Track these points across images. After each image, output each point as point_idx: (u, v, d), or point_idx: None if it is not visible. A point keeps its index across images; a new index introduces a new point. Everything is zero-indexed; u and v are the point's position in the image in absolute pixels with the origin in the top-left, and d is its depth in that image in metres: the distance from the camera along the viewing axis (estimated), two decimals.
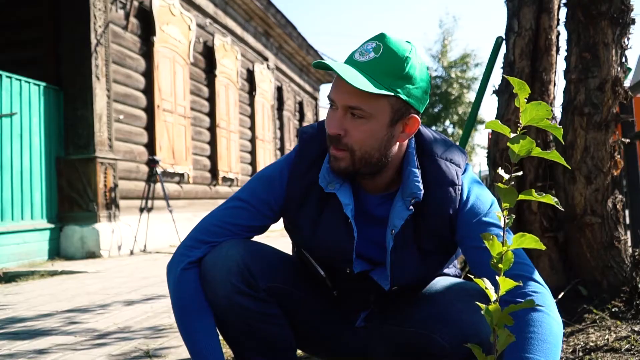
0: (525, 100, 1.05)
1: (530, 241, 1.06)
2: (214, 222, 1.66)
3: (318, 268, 1.69)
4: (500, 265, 1.07)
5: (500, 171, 1.06)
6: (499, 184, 1.05)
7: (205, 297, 1.60)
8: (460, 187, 1.56)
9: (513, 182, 1.06)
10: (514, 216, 1.09)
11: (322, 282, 1.73)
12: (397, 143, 1.52)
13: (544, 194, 1.04)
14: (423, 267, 1.60)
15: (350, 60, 1.46)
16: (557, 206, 1.06)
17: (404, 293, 1.68)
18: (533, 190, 1.05)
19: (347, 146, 1.47)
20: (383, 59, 1.42)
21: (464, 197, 1.56)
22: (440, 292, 1.65)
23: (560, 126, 1.05)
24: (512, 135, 1.05)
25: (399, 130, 1.49)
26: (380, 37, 1.46)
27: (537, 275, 1.46)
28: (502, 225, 1.09)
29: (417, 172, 1.53)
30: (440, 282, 1.71)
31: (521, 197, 1.05)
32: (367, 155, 1.48)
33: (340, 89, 1.45)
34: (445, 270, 1.80)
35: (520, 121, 1.05)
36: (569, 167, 2.73)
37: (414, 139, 1.60)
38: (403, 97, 1.44)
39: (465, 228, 1.54)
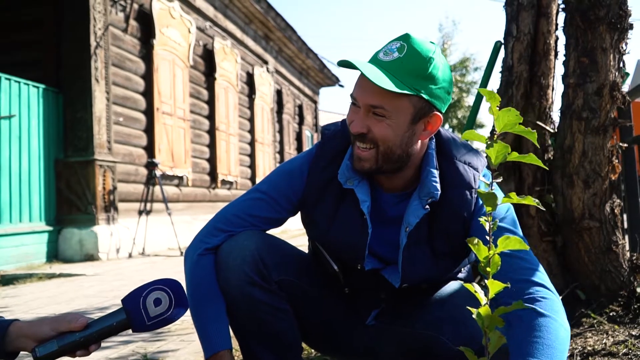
0: (499, 109, 1.07)
1: (515, 243, 1.09)
2: (233, 212, 1.70)
3: (331, 262, 1.70)
4: (488, 269, 1.09)
5: (482, 178, 1.09)
6: (479, 190, 1.09)
7: (218, 285, 1.62)
8: (476, 191, 1.57)
9: (494, 187, 1.08)
10: (498, 221, 1.11)
11: (335, 279, 1.74)
12: (419, 141, 1.55)
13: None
14: (434, 267, 1.62)
15: (375, 60, 1.48)
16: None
17: (414, 293, 1.69)
18: (514, 194, 1.08)
19: (373, 141, 1.49)
20: (407, 59, 1.44)
21: (480, 201, 1.57)
22: (450, 295, 1.67)
23: (534, 131, 1.08)
24: (487, 142, 1.08)
25: (421, 128, 1.52)
26: (405, 38, 1.48)
27: (546, 280, 1.47)
28: (487, 230, 1.11)
29: (436, 172, 1.56)
30: (451, 286, 1.73)
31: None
32: (389, 151, 1.50)
33: (364, 88, 1.47)
34: (458, 275, 1.81)
35: (496, 128, 1.08)
36: (546, 168, 2.74)
37: (434, 140, 1.62)
38: (425, 96, 1.46)
39: (479, 232, 1.55)
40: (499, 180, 1.13)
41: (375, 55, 1.50)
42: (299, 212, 1.76)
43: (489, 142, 1.07)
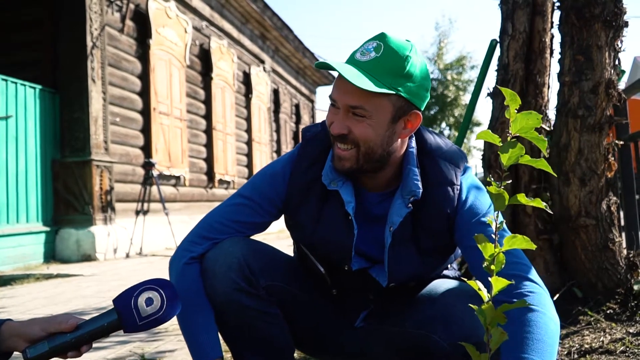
0: (516, 110, 1.07)
1: (521, 242, 1.07)
2: (217, 219, 1.68)
3: (317, 265, 1.70)
4: (492, 267, 1.08)
5: (490, 178, 1.08)
6: (489, 188, 1.07)
7: (205, 293, 1.61)
8: (458, 187, 1.58)
9: (503, 187, 1.07)
10: (504, 220, 1.10)
11: (322, 281, 1.73)
12: (399, 139, 1.55)
13: (534, 198, 1.06)
14: (420, 265, 1.62)
15: (352, 60, 1.48)
16: (546, 210, 1.07)
17: (402, 292, 1.69)
18: (523, 195, 1.07)
19: (353, 142, 1.49)
20: (384, 58, 1.44)
21: (463, 197, 1.58)
22: (439, 293, 1.66)
23: (546, 139, 1.08)
24: (501, 143, 1.07)
25: (401, 126, 1.52)
26: (381, 37, 1.47)
27: (534, 275, 1.47)
28: (494, 229, 1.10)
29: (417, 171, 1.56)
30: (439, 283, 1.72)
31: (511, 201, 1.06)
32: (370, 151, 1.50)
33: (342, 88, 1.47)
34: (445, 272, 1.81)
35: (510, 130, 1.07)
36: (555, 175, 2.73)
37: (414, 139, 1.62)
38: (404, 95, 1.46)
39: (463, 228, 1.56)
40: (509, 182, 1.13)
41: (352, 56, 1.49)
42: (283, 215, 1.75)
43: (502, 144, 1.06)
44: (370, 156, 1.51)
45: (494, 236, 1.09)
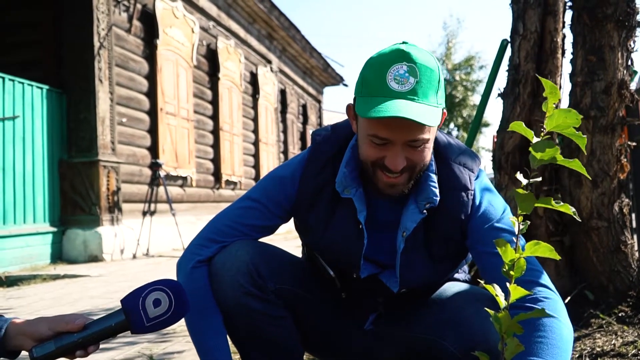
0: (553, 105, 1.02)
1: (545, 250, 1.03)
2: (225, 222, 1.67)
3: (327, 268, 1.68)
4: (511, 272, 1.05)
5: (519, 176, 1.03)
6: (518, 190, 1.02)
7: (214, 297, 1.60)
8: (472, 192, 1.55)
9: (531, 188, 1.03)
10: (528, 222, 1.06)
11: (331, 284, 1.72)
12: None
13: (561, 203, 1.02)
14: (432, 270, 1.60)
15: (388, 91, 1.37)
16: (574, 216, 1.03)
17: (413, 296, 1.67)
18: (551, 198, 1.03)
19: (411, 168, 1.46)
20: (424, 81, 1.38)
21: (477, 202, 1.55)
22: (449, 298, 1.64)
23: (585, 135, 1.01)
24: (535, 140, 1.02)
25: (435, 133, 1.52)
26: (406, 58, 1.38)
27: (547, 281, 1.46)
28: (516, 232, 1.06)
29: (434, 177, 1.53)
30: (449, 287, 1.70)
31: (538, 204, 1.02)
32: (423, 168, 1.49)
33: (400, 127, 1.38)
34: (455, 275, 1.79)
35: (545, 126, 1.02)
36: (589, 177, 2.68)
37: None
38: (444, 105, 1.45)
39: (477, 233, 1.53)
40: (539, 179, 1.08)
41: (386, 86, 1.37)
42: (292, 218, 1.73)
43: (536, 141, 1.02)
44: (420, 171, 1.49)
45: (514, 240, 1.06)
